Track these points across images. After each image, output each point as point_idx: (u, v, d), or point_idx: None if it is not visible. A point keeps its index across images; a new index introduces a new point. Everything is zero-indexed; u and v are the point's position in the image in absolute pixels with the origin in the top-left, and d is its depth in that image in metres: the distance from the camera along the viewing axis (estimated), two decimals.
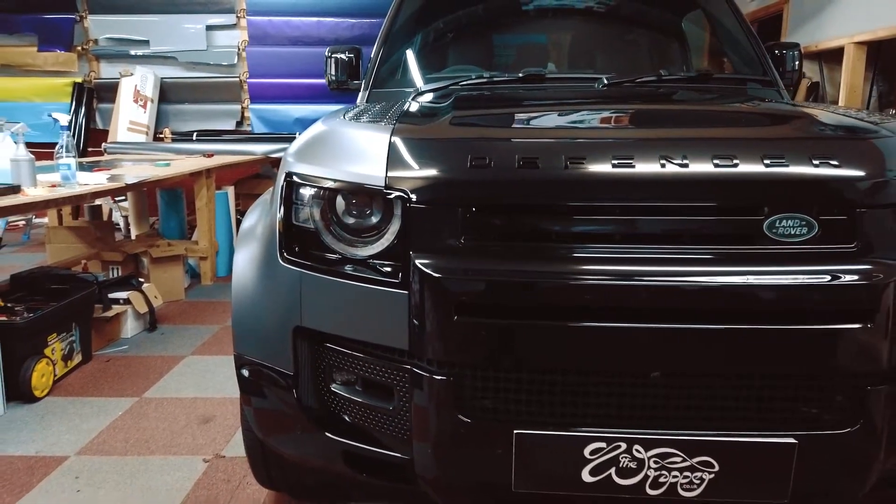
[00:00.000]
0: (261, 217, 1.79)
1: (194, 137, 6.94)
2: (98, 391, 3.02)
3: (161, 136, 7.06)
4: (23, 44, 7.25)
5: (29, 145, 3.39)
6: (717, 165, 1.41)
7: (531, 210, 1.44)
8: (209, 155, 5.31)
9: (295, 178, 1.62)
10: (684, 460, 1.37)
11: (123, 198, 5.84)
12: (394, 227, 1.48)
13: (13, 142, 3.10)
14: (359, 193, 1.54)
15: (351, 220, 1.56)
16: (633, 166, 1.41)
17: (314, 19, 6.89)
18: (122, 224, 6.30)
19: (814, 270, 1.34)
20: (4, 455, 2.45)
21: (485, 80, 2.50)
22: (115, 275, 4.20)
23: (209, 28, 7.12)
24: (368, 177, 1.51)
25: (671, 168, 1.41)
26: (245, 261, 1.75)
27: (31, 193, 2.91)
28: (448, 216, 1.43)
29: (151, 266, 4.29)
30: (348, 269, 1.53)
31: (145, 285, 3.85)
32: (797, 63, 2.85)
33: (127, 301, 3.67)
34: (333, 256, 1.56)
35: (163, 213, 5.15)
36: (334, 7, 6.81)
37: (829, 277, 1.34)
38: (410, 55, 2.85)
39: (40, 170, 3.38)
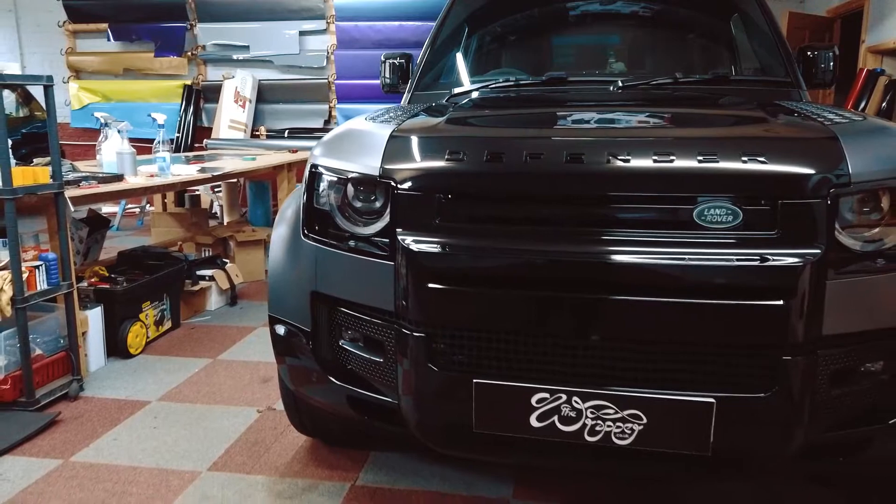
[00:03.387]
0: (292, 203, 2.15)
1: (286, 135, 7.54)
2: (181, 352, 3.52)
3: (257, 133, 7.71)
4: (141, 50, 8.11)
5: (143, 140, 3.97)
6: (655, 161, 1.62)
7: (495, 198, 1.72)
8: (294, 151, 5.82)
9: (317, 169, 1.96)
10: (616, 412, 1.60)
11: (220, 188, 6.46)
12: (387, 211, 1.79)
13: (120, 137, 3.65)
14: (363, 182, 1.86)
15: (358, 205, 1.88)
16: (583, 161, 1.65)
17: (396, 23, 7.32)
18: (219, 212, 6.96)
19: (735, 253, 1.54)
20: (101, 397, 2.96)
21: (511, 82, 2.77)
22: (207, 255, 4.75)
23: (302, 33, 7.71)
24: (369, 168, 1.82)
25: (615, 163, 1.64)
26: (279, 238, 2.11)
27: (132, 181, 3.44)
28: (427, 201, 1.72)
29: (236, 249, 4.83)
30: (352, 244, 1.86)
31: (228, 265, 4.37)
32: (832, 64, 2.90)
33: (212, 278, 4.19)
34: (342, 234, 1.89)
35: (251, 203, 5.71)
36: (415, 11, 7.20)
37: (748, 260, 1.53)
38: (450, 61, 3.14)
39: (144, 162, 3.95)
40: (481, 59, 3.18)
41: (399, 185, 1.75)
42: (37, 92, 6.44)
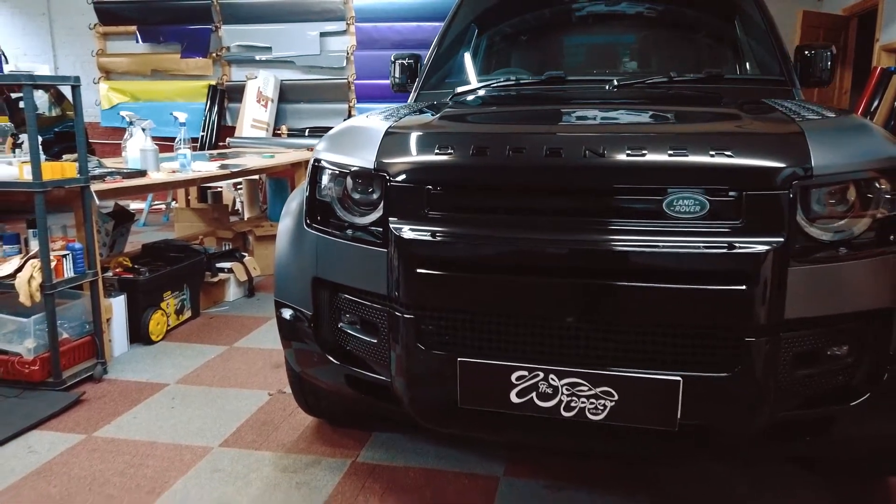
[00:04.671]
0: (297, 196, 2.29)
1: (306, 134, 7.73)
2: (200, 339, 3.70)
3: (279, 132, 7.91)
4: (168, 51, 8.37)
5: (170, 139, 4.19)
6: (628, 156, 1.73)
7: (480, 189, 1.84)
8: (311, 149, 5.98)
9: (319, 163, 2.10)
10: (590, 389, 1.71)
11: (242, 186, 6.66)
12: (382, 202, 1.92)
13: (144, 135, 3.83)
14: (360, 175, 1.99)
15: (356, 196, 2.02)
16: (561, 156, 1.77)
17: (415, 24, 7.47)
18: (241, 208, 7.17)
19: (701, 241, 1.64)
20: (124, 379, 3.15)
21: (511, 82, 2.88)
22: (226, 249, 4.93)
23: (323, 34, 7.90)
24: (366, 161, 1.96)
25: (591, 158, 1.75)
26: (284, 228, 2.26)
27: (154, 177, 3.62)
28: (417, 193, 1.85)
29: (255, 243, 5.01)
30: (350, 233, 1.99)
31: (247, 258, 4.55)
32: (829, 63, 2.97)
33: (230, 270, 4.37)
34: (341, 223, 2.02)
35: (270, 199, 5.89)
36: (433, 12, 7.34)
37: (713, 247, 1.63)
38: (455, 62, 3.26)
39: (167, 159, 4.13)
40: (485, 60, 3.30)
41: (392, 178, 1.88)
42: (68, 92, 6.71)
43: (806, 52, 2.93)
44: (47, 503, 2.16)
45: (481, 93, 2.81)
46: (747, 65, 3.06)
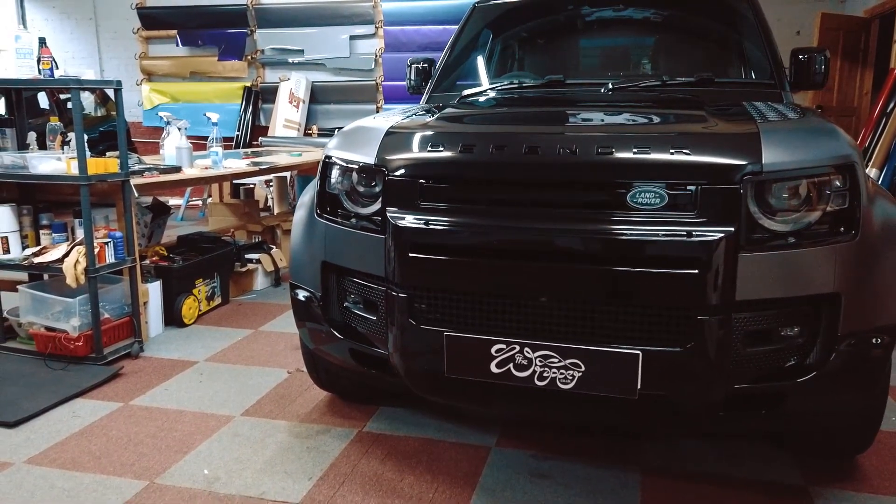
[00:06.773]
0: (309, 190, 2.54)
1: (335, 134, 8.02)
2: (228, 324, 3.99)
3: (309, 132, 8.22)
4: (206, 54, 8.75)
5: (206, 138, 4.54)
6: (597, 153, 1.94)
7: (466, 183, 2.06)
8: None
9: (329, 159, 2.35)
10: (560, 361, 1.92)
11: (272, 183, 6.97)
12: (381, 194, 2.16)
13: (179, 134, 4.14)
14: (363, 170, 2.23)
15: (360, 189, 2.26)
16: (538, 153, 1.98)
17: (440, 27, 7.70)
18: (272, 204, 7.49)
19: (659, 230, 1.84)
20: (158, 357, 3.44)
21: (514, 85, 3.10)
22: (255, 241, 5.23)
23: (352, 38, 8.19)
24: (368, 158, 2.20)
25: (564, 155, 1.96)
26: (299, 218, 2.51)
27: (188, 173, 3.92)
28: (411, 186, 2.08)
29: (283, 236, 5.30)
30: (354, 221, 2.24)
31: (274, 250, 4.83)
32: (823, 67, 3.11)
33: (258, 261, 4.66)
34: (347, 213, 2.27)
35: (298, 195, 6.18)
36: (457, 16, 7.50)
37: (670, 235, 1.83)
38: (465, 66, 3.48)
39: (201, 156, 4.44)
40: (492, 64, 3.52)
41: (390, 173, 2.12)
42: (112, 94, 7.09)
43: (800, 56, 3.07)
44: (88, 458, 2.45)
45: (485, 95, 3.04)
46: (740, 69, 3.22)
